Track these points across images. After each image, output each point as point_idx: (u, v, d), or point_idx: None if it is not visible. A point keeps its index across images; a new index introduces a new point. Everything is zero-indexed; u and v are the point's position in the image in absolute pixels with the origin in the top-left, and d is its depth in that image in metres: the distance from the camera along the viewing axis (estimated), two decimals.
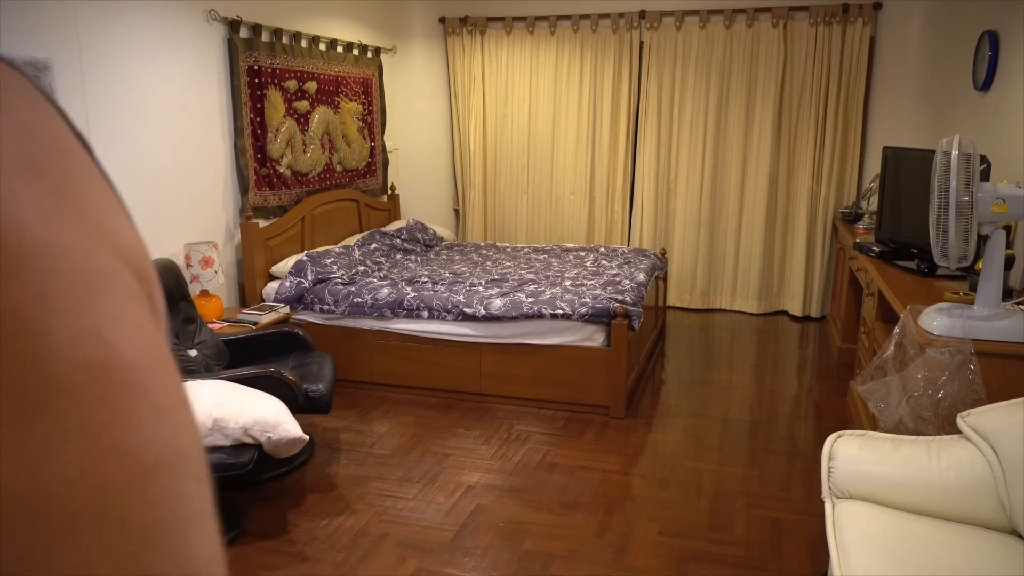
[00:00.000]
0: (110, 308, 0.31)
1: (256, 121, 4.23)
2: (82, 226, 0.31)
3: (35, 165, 0.30)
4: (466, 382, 4.00)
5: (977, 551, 1.85)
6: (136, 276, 0.34)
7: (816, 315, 5.56)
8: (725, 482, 3.13)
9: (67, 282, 0.29)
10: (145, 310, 0.34)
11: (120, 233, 0.34)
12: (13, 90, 0.32)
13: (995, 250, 2.39)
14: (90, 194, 0.33)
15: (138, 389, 0.31)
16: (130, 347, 0.31)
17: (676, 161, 5.68)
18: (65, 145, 0.33)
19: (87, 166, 0.34)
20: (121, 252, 0.33)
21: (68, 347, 0.28)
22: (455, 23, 5.96)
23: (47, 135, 0.32)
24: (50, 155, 0.31)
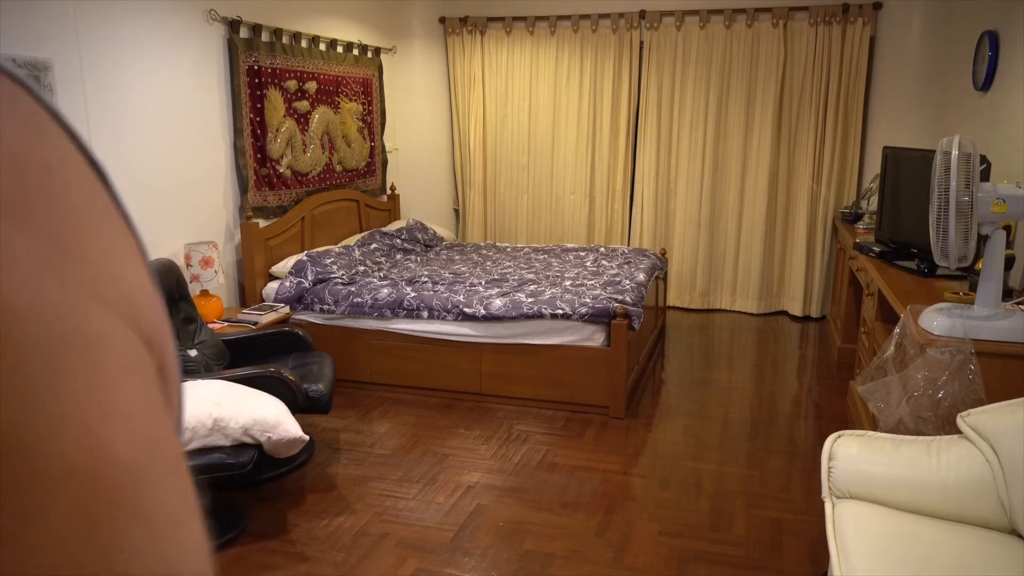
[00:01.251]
0: (103, 391, 0.25)
1: (256, 121, 4.23)
2: (74, 284, 0.25)
3: (18, 207, 0.24)
4: (466, 382, 4.00)
5: (977, 551, 1.85)
6: (144, 341, 0.28)
7: (816, 315, 5.56)
8: (725, 482, 3.13)
9: (49, 359, 0.23)
10: (151, 388, 0.28)
11: (126, 287, 0.28)
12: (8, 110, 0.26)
13: (995, 250, 2.39)
14: (90, 239, 0.27)
15: (130, 503, 0.25)
16: (125, 444, 0.25)
17: (676, 161, 5.68)
18: (63, 176, 0.27)
19: (91, 200, 0.28)
20: (124, 312, 0.27)
21: (44, 446, 0.23)
22: (455, 23, 5.96)
23: (39, 165, 0.26)
24: (40, 192, 0.25)
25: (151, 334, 0.29)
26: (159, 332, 0.30)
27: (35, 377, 0.23)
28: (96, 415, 0.24)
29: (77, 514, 0.23)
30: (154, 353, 0.29)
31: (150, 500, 0.26)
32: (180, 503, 0.28)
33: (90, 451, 0.24)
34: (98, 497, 0.24)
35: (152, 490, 0.26)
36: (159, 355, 0.29)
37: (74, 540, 0.23)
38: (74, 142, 0.30)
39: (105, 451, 0.24)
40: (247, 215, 4.17)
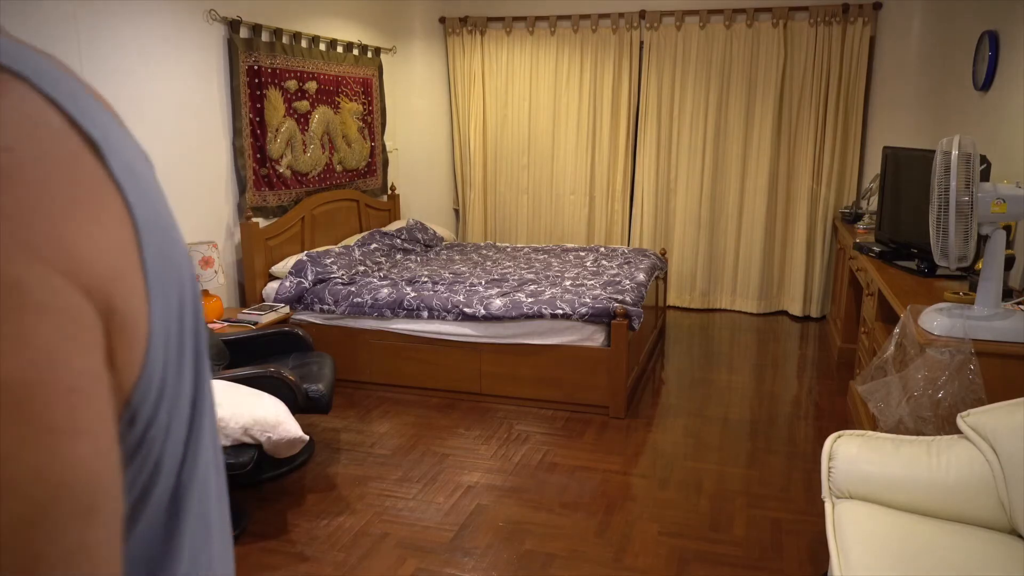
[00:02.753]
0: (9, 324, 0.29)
1: (256, 121, 4.23)
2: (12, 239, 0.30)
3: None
4: (466, 382, 4.00)
5: (977, 551, 1.85)
6: (81, 289, 0.32)
7: (816, 315, 5.55)
8: (725, 482, 3.13)
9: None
10: (62, 326, 0.32)
11: (74, 249, 0.33)
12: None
13: (995, 250, 2.39)
14: (42, 207, 0.32)
15: (14, 409, 0.29)
16: (17, 364, 0.29)
17: (676, 161, 5.68)
18: (22, 156, 0.32)
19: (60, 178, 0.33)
20: (66, 268, 0.32)
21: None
22: (455, 23, 5.96)
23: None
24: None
25: (95, 286, 0.33)
26: (110, 286, 0.34)
27: None
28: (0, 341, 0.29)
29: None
30: (96, 301, 0.33)
31: (36, 411, 0.30)
32: (71, 420, 0.31)
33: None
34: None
35: (39, 404, 0.30)
36: (103, 303, 0.34)
37: None
38: (67, 122, 0.35)
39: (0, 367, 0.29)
40: (247, 215, 4.17)
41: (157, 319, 0.38)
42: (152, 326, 0.38)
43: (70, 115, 0.35)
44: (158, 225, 0.39)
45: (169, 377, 0.40)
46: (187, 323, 0.42)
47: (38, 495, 0.30)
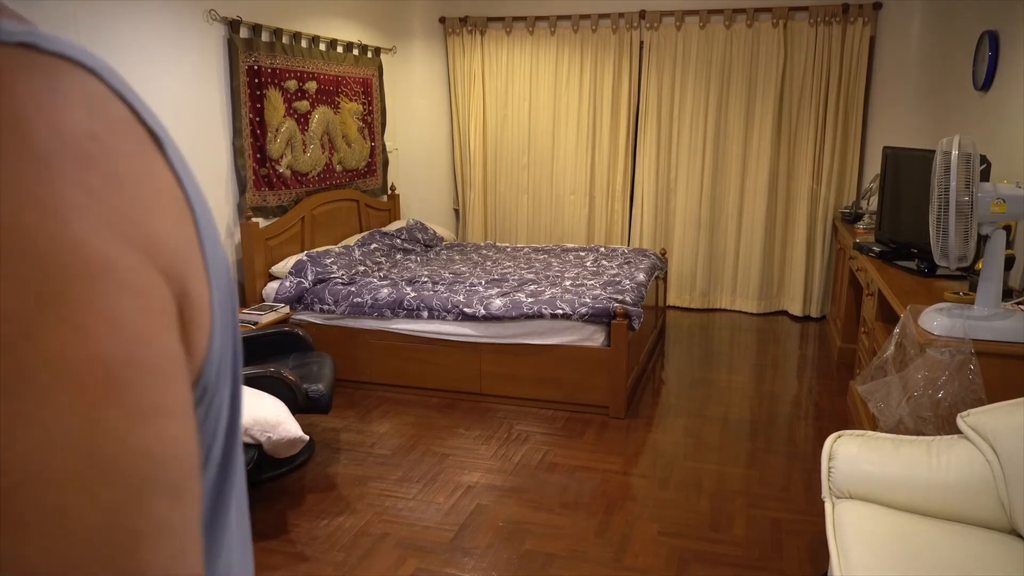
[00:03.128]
0: (100, 302, 0.30)
1: (256, 121, 4.23)
2: (97, 218, 0.31)
3: (52, 162, 0.30)
4: (466, 382, 4.00)
5: (977, 551, 1.85)
6: (161, 272, 0.34)
7: (816, 315, 5.55)
8: (725, 482, 3.13)
9: (57, 271, 0.29)
10: (148, 307, 0.33)
11: (152, 231, 0.34)
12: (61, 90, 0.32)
13: (995, 250, 2.39)
14: (125, 191, 0.33)
15: (112, 388, 0.30)
16: (112, 344, 0.30)
17: (676, 161, 5.68)
18: (107, 143, 0.33)
19: (135, 164, 0.35)
20: (144, 246, 0.33)
21: (44, 337, 0.28)
22: (455, 23, 5.96)
23: (80, 133, 0.32)
24: (77, 152, 0.32)
25: (171, 270, 0.34)
26: (184, 272, 0.36)
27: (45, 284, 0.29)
28: (92, 319, 0.30)
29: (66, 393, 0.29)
30: (173, 286, 0.34)
31: (130, 391, 0.31)
32: (160, 400, 0.32)
33: (83, 345, 0.29)
34: (85, 381, 0.29)
35: (133, 384, 0.31)
36: (179, 288, 0.35)
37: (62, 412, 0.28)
38: (139, 120, 0.36)
39: (95, 346, 0.30)
40: (247, 215, 4.17)
41: (216, 305, 0.40)
42: (213, 311, 0.39)
43: (133, 107, 0.36)
44: (209, 218, 0.40)
45: (225, 363, 0.42)
46: (231, 312, 0.44)
47: (137, 474, 0.31)
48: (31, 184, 0.30)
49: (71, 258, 0.30)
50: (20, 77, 0.31)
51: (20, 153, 0.30)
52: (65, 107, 0.32)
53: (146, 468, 0.31)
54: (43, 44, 0.33)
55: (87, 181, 0.31)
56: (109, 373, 0.30)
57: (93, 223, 0.31)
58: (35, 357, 0.28)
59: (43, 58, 0.33)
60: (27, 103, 0.31)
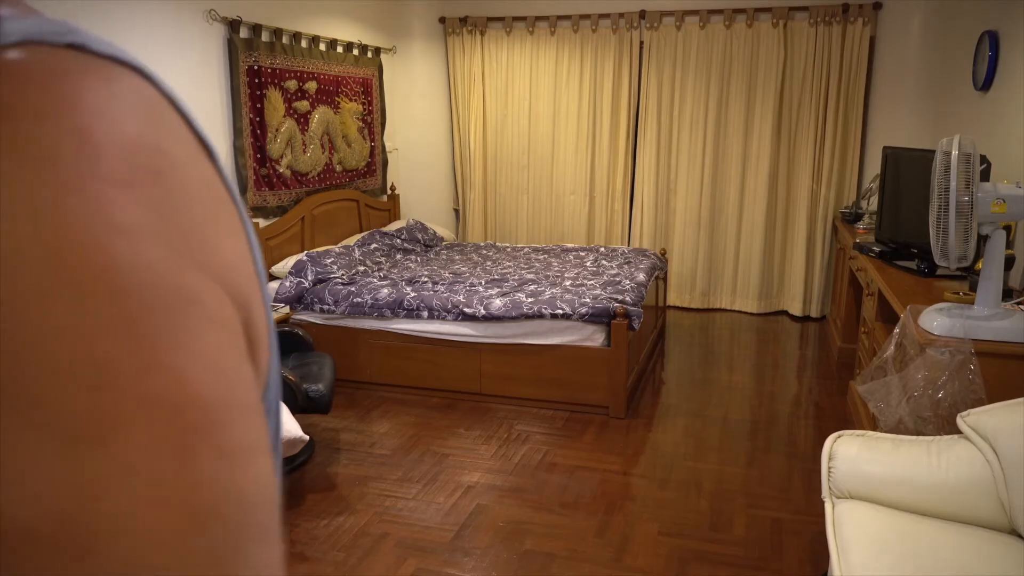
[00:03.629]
0: (189, 338, 0.28)
1: (256, 121, 4.23)
2: (175, 245, 0.29)
3: (128, 180, 0.28)
4: (466, 382, 4.00)
5: (977, 551, 1.85)
6: (232, 300, 0.32)
7: (816, 315, 5.55)
8: (725, 482, 3.13)
9: (144, 307, 0.27)
10: (232, 340, 0.31)
11: (222, 253, 0.32)
12: (123, 98, 0.30)
13: (995, 250, 2.39)
14: (192, 210, 0.31)
15: (205, 431, 0.28)
16: (204, 384, 0.29)
17: (676, 161, 5.68)
18: (173, 157, 0.31)
19: (199, 179, 0.33)
20: (217, 274, 0.31)
21: (136, 380, 0.27)
22: (455, 23, 5.96)
23: (149, 147, 0.30)
24: (149, 170, 0.29)
25: (239, 295, 0.33)
26: (248, 294, 0.34)
27: (132, 321, 0.27)
28: (182, 356, 0.28)
29: (158, 437, 0.27)
30: (241, 311, 0.33)
31: (223, 432, 0.29)
32: (250, 438, 0.31)
33: (174, 387, 0.27)
34: (178, 425, 0.27)
35: (225, 423, 0.29)
36: (245, 313, 0.33)
37: (155, 458, 0.27)
38: (189, 127, 0.34)
39: (187, 388, 0.28)
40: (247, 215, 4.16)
41: (270, 324, 0.38)
42: (270, 331, 0.37)
43: (184, 113, 0.34)
44: (254, 231, 0.38)
45: (278, 381, 0.40)
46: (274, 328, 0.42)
47: (235, 520, 0.29)
48: (107, 207, 0.27)
49: (157, 291, 0.28)
50: (81, 85, 0.29)
51: (92, 172, 0.27)
52: (130, 118, 0.30)
53: (243, 513, 0.30)
54: (93, 45, 0.31)
55: (160, 202, 0.29)
56: (205, 415, 0.28)
57: (172, 250, 0.29)
58: (128, 403, 0.26)
59: (96, 61, 0.30)
60: (92, 115, 0.28)
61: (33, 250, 0.26)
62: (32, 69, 0.28)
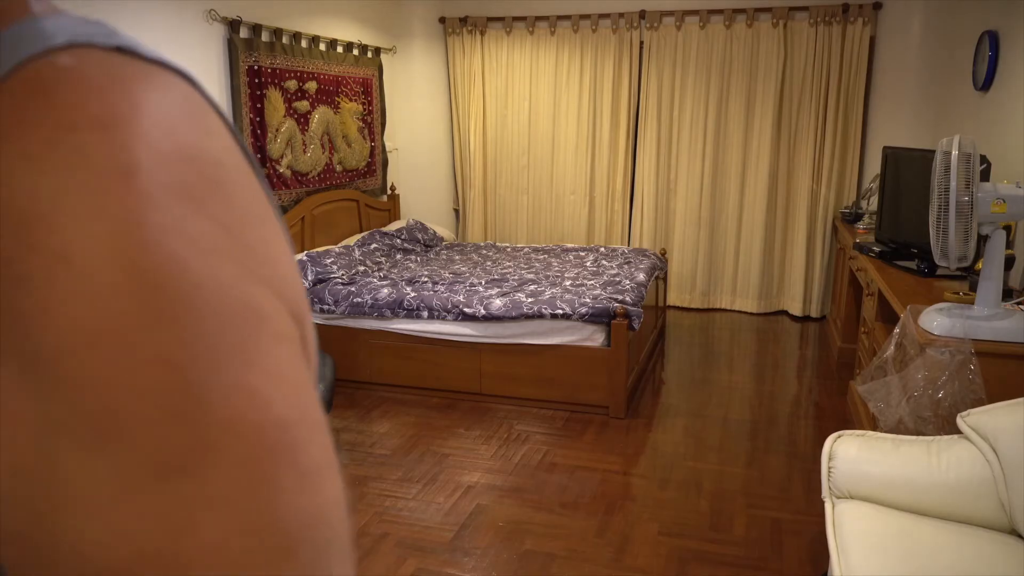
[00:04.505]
0: (264, 357, 0.28)
1: (256, 121, 4.23)
2: (242, 262, 0.28)
3: (196, 194, 0.27)
4: (466, 382, 4.00)
5: (977, 551, 1.85)
6: (291, 314, 0.31)
7: (816, 315, 5.55)
8: (725, 482, 3.13)
9: (223, 327, 0.26)
10: (299, 356, 0.30)
11: (278, 266, 0.31)
12: (180, 107, 0.29)
13: (995, 250, 2.39)
14: (251, 225, 0.30)
15: (287, 452, 0.28)
16: (282, 403, 0.28)
17: (676, 161, 5.68)
18: (229, 167, 0.30)
19: (250, 189, 0.31)
20: (278, 288, 0.30)
21: (219, 404, 0.26)
22: (455, 23, 5.96)
23: (210, 158, 0.29)
24: (213, 182, 0.28)
25: (297, 309, 0.32)
26: (303, 306, 0.33)
27: (213, 342, 0.26)
28: (261, 377, 0.27)
29: (244, 462, 0.26)
30: (298, 325, 0.32)
31: (302, 450, 0.28)
32: (325, 455, 0.30)
33: (256, 409, 0.27)
34: (261, 448, 0.27)
35: (303, 442, 0.28)
36: (302, 327, 0.32)
37: (241, 483, 0.26)
38: (232, 135, 0.33)
39: (268, 409, 0.27)
40: None
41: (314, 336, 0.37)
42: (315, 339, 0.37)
43: (228, 123, 0.33)
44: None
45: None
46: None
47: (318, 543, 0.29)
48: (183, 223, 0.26)
49: (234, 309, 0.27)
50: (141, 92, 0.28)
51: (166, 185, 0.26)
52: (189, 127, 0.29)
53: (326, 534, 0.29)
54: (140, 49, 0.29)
55: (226, 215, 0.28)
56: (285, 436, 0.27)
57: (241, 266, 0.28)
58: (213, 429, 0.25)
59: (146, 67, 0.29)
60: (156, 124, 0.27)
61: (114, 272, 0.25)
62: (90, 75, 0.27)
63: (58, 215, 0.24)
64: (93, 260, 0.24)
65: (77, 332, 0.24)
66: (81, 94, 0.26)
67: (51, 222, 0.24)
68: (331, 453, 0.31)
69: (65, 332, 0.24)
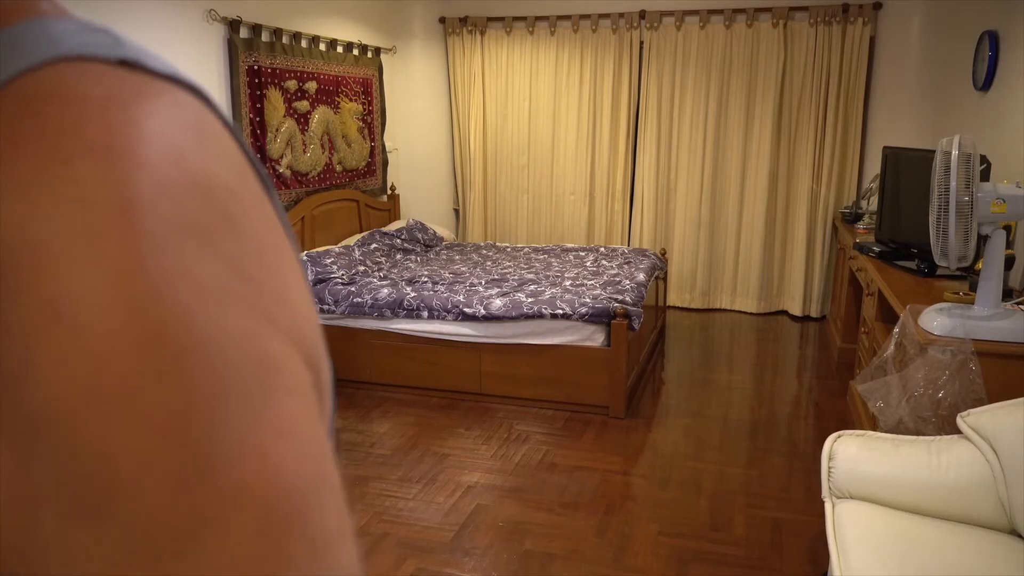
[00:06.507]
0: (276, 414, 0.25)
1: (256, 121, 4.23)
2: (254, 307, 0.26)
3: (205, 231, 0.25)
4: (466, 382, 4.00)
5: (977, 551, 1.85)
6: (305, 360, 0.28)
7: (816, 315, 5.55)
8: (725, 482, 3.13)
9: (231, 385, 0.24)
10: (312, 408, 0.28)
11: (292, 308, 0.28)
12: (190, 129, 0.26)
13: (995, 250, 2.39)
14: (264, 260, 0.27)
15: (297, 521, 0.25)
16: (294, 467, 0.25)
17: (676, 161, 5.68)
18: (242, 196, 0.27)
19: (264, 217, 0.28)
20: (292, 333, 0.27)
21: (224, 472, 0.23)
22: (455, 23, 5.96)
23: (221, 187, 0.26)
24: (223, 216, 0.26)
25: (311, 353, 0.29)
26: (316, 349, 0.30)
27: (219, 400, 0.23)
28: (271, 438, 0.25)
29: (252, 535, 0.24)
30: (312, 371, 0.29)
31: (315, 518, 0.26)
32: (338, 519, 0.27)
33: (265, 475, 0.24)
34: (271, 518, 0.24)
35: (316, 508, 0.26)
36: (316, 372, 0.29)
37: (248, 560, 0.23)
38: (246, 156, 0.30)
39: (278, 475, 0.24)
40: None
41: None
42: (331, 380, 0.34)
43: (242, 144, 0.30)
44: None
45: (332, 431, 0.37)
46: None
47: None
48: (189, 265, 0.24)
49: (242, 362, 0.24)
50: (146, 114, 0.25)
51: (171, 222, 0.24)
52: (200, 153, 0.26)
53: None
54: (148, 62, 0.27)
55: (237, 254, 0.26)
56: (296, 503, 0.25)
57: (251, 311, 0.25)
58: (218, 497, 0.23)
59: (155, 83, 0.27)
60: (162, 151, 0.25)
61: (112, 324, 0.22)
62: (88, 94, 0.24)
63: (49, 259, 0.22)
64: (88, 311, 0.22)
65: (69, 391, 0.22)
66: (77, 116, 0.24)
67: (41, 267, 0.22)
68: (345, 518, 0.28)
69: (56, 391, 0.22)
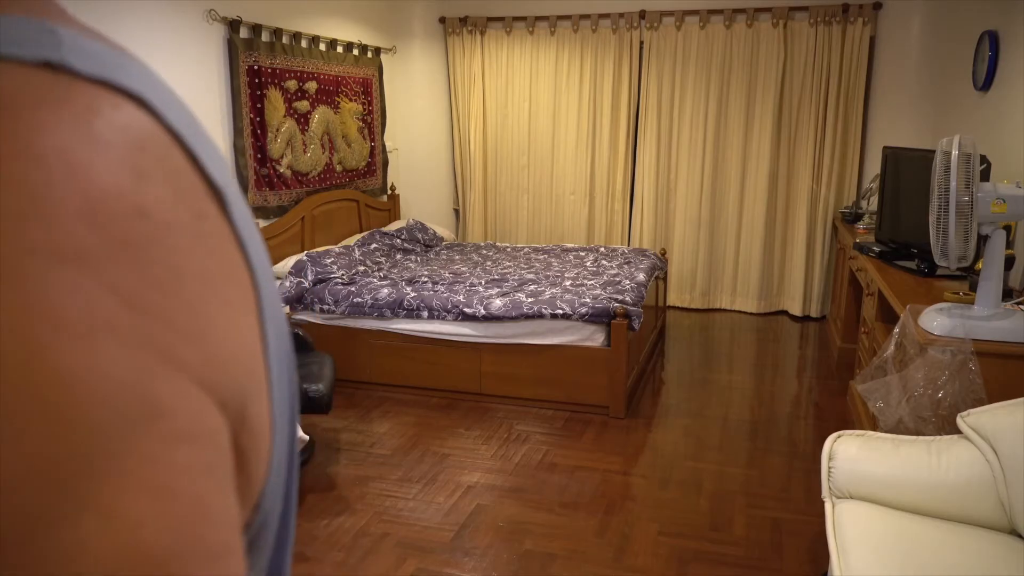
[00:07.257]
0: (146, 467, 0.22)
1: (256, 121, 4.23)
2: (145, 343, 0.23)
3: (90, 257, 0.22)
4: (466, 382, 4.00)
5: (977, 551, 1.85)
6: (220, 405, 0.25)
7: (816, 315, 5.55)
8: (725, 482, 3.13)
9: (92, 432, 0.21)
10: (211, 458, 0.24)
11: (213, 344, 0.25)
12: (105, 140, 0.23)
13: (995, 250, 2.39)
14: (182, 290, 0.24)
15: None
16: (161, 528, 0.22)
17: (676, 161, 5.68)
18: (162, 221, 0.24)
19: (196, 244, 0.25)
20: (203, 373, 0.24)
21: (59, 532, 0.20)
22: (455, 23, 5.96)
23: (127, 209, 0.23)
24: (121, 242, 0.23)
25: (231, 395, 0.26)
26: (244, 389, 0.27)
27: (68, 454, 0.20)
28: (134, 495, 0.21)
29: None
30: (230, 416, 0.26)
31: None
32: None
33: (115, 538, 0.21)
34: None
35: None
36: (237, 416, 0.26)
37: None
38: (197, 169, 0.27)
39: (132, 538, 0.21)
40: None
41: (277, 407, 0.31)
42: (274, 425, 0.30)
43: (194, 155, 0.27)
44: (272, 289, 0.30)
45: (282, 466, 0.32)
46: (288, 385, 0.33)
47: None
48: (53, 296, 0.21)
49: (110, 407, 0.21)
50: (47, 122, 0.22)
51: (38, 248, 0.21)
52: (109, 168, 0.23)
53: None
54: (76, 64, 0.24)
55: (129, 285, 0.23)
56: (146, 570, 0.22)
57: (140, 349, 0.22)
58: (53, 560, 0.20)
59: (77, 87, 0.24)
60: (53, 165, 0.22)
61: None
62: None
63: None
64: None
65: None
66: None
67: None
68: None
69: None
